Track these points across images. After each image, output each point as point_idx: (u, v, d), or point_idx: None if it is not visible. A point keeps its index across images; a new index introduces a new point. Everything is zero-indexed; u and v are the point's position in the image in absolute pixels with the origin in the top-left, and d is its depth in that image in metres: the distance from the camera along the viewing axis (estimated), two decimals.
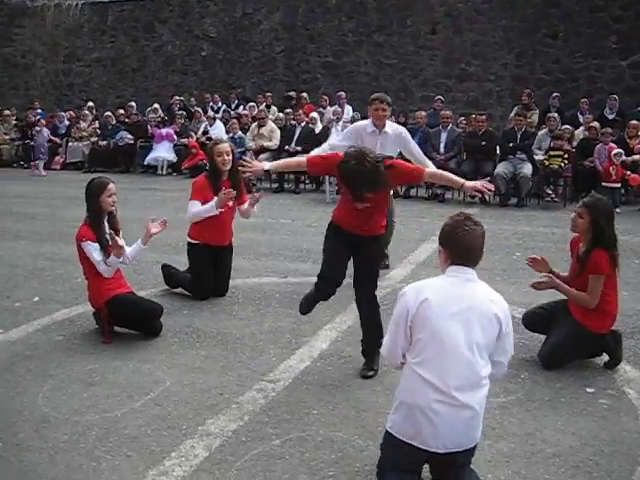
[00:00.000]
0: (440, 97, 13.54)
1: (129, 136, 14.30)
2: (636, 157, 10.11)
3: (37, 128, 14.56)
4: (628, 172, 9.95)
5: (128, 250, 4.84)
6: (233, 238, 5.97)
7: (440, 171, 4.77)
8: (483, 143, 10.51)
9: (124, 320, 4.77)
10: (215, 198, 5.57)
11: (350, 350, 4.59)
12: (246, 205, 5.79)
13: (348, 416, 3.67)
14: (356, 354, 4.49)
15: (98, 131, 15.04)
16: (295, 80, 16.71)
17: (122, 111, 15.27)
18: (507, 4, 14.82)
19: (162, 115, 15.03)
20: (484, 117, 10.83)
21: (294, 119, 12.72)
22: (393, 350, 2.93)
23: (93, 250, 4.60)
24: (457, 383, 2.71)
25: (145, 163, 14.19)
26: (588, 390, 4.03)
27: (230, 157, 5.77)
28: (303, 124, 12.49)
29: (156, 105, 15.89)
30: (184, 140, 13.97)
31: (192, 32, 17.72)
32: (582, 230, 4.26)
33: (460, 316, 2.74)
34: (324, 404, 3.81)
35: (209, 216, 5.64)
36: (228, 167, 5.73)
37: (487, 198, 10.85)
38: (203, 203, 5.67)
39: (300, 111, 12.92)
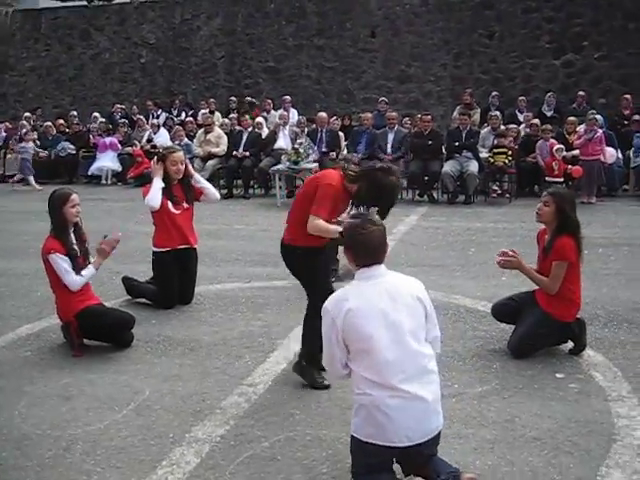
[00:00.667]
0: (384, 99, 13.75)
1: (71, 146, 13.99)
2: (576, 152, 10.49)
3: (22, 144, 13.98)
4: (569, 166, 10.32)
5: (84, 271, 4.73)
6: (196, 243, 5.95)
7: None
8: (430, 143, 10.73)
9: (95, 332, 4.71)
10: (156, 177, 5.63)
11: None
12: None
13: (332, 414, 3.73)
14: None
15: (38, 142, 14.66)
16: (237, 85, 16.70)
17: (62, 121, 14.92)
18: (444, 6, 15.18)
19: (105, 124, 14.76)
20: (429, 117, 11.06)
21: (240, 124, 12.68)
22: (332, 364, 2.98)
23: (62, 262, 4.53)
24: (402, 377, 2.76)
25: (89, 173, 13.90)
26: (558, 376, 4.20)
27: (183, 166, 5.77)
28: (250, 129, 12.47)
29: (96, 114, 15.61)
30: (128, 149, 13.77)
31: (130, 39, 17.49)
32: (548, 218, 4.43)
33: (386, 312, 2.82)
34: (307, 404, 3.86)
35: (169, 221, 5.62)
36: (180, 176, 5.74)
37: (435, 196, 11.11)
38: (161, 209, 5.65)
39: (246, 116, 12.90)
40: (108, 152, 13.85)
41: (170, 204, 5.64)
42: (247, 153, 12.03)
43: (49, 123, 14.77)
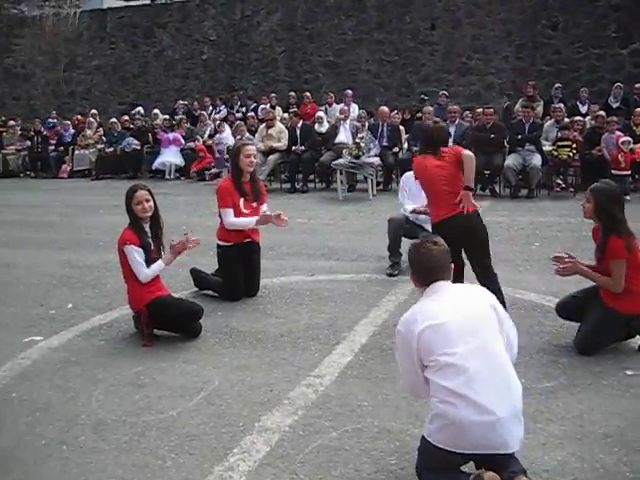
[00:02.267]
0: (444, 92, 13.64)
1: (135, 142, 14.35)
2: (637, 145, 10.21)
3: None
4: (631, 146, 10.03)
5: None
6: (259, 238, 6.05)
7: None
8: (492, 136, 10.59)
9: (165, 322, 4.86)
10: (256, 217, 5.70)
11: (389, 343, 4.66)
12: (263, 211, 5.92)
13: (399, 407, 3.76)
14: (394, 346, 4.59)
15: (104, 138, 15.10)
16: (297, 80, 16.80)
17: (127, 117, 15.32)
18: None
19: (169, 121, 15.08)
20: (492, 110, 10.91)
21: (291, 121, 12.72)
22: (413, 387, 2.99)
23: (136, 254, 4.68)
24: (480, 388, 2.72)
25: (153, 168, 14.23)
26: (627, 372, 4.12)
27: (256, 160, 5.87)
28: (300, 124, 12.51)
29: (156, 111, 15.95)
30: (191, 144, 14.04)
31: (192, 36, 17.80)
32: (590, 214, 4.37)
33: (459, 324, 2.81)
34: (374, 396, 3.90)
35: (240, 215, 5.73)
36: (252, 169, 5.82)
37: (497, 190, 10.97)
38: (232, 207, 5.73)
39: (292, 114, 12.92)
40: (171, 147, 14.14)
41: (242, 202, 5.73)
42: (302, 148, 12.10)
43: (114, 120, 15.17)
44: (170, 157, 14.10)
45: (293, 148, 12.10)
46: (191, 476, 3.16)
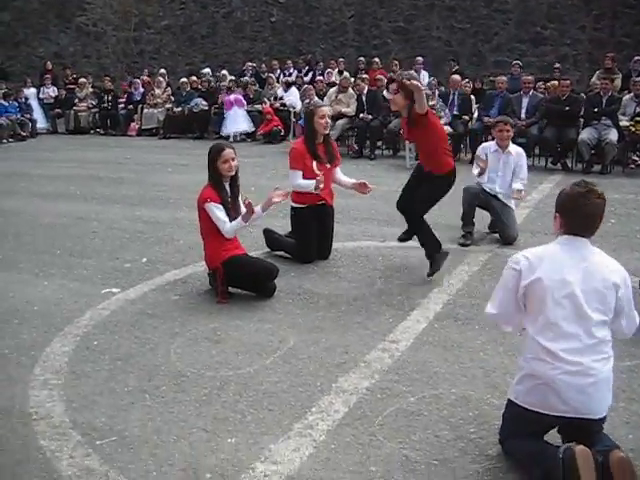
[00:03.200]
0: (518, 62, 13.25)
1: (204, 102, 14.43)
2: None
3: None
4: None
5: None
6: (333, 201, 6.03)
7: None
8: (567, 108, 10.26)
9: (240, 280, 4.91)
10: (314, 180, 5.62)
11: (464, 312, 4.64)
12: (342, 178, 6.02)
13: (476, 376, 3.73)
14: (471, 316, 4.55)
15: (172, 98, 15.23)
16: (366, 45, 16.58)
17: (195, 78, 15.39)
18: None
19: (230, 81, 15.08)
20: (568, 82, 10.55)
21: (356, 86, 12.55)
22: (503, 313, 2.94)
23: (217, 211, 4.73)
24: (576, 349, 2.70)
25: (222, 134, 14.17)
26: None
27: (330, 121, 5.84)
28: (365, 91, 12.34)
29: (224, 72, 15.98)
30: (258, 106, 14.05)
31: None
32: None
33: (574, 288, 2.74)
34: (450, 364, 3.87)
35: (313, 177, 5.72)
36: (327, 131, 5.80)
37: (569, 164, 10.67)
38: (303, 169, 5.73)
39: (358, 80, 12.71)
40: (235, 109, 14.06)
41: (315, 164, 5.72)
42: (369, 116, 11.95)
43: (185, 79, 15.25)
44: (240, 124, 14.04)
45: (361, 115, 11.98)
46: (271, 431, 3.20)
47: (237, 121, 14.13)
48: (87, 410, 3.42)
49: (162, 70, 16.50)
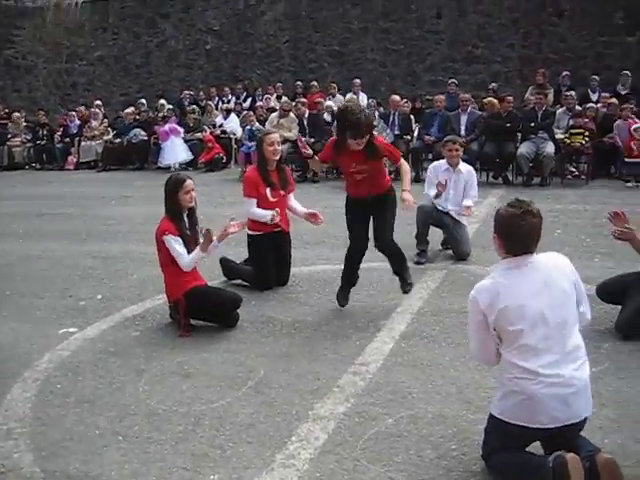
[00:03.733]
0: (454, 80, 13.59)
1: (142, 133, 14.26)
2: None
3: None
4: None
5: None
6: (289, 227, 6.04)
7: (406, 169, 5.27)
8: (508, 125, 10.58)
9: (203, 312, 4.85)
10: (271, 212, 5.66)
11: (429, 330, 4.69)
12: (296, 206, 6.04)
13: (450, 393, 3.77)
14: (436, 333, 4.61)
15: (109, 129, 15.01)
16: (302, 70, 16.72)
17: (132, 109, 15.21)
18: None
19: (169, 110, 14.94)
20: (511, 98, 10.92)
21: (297, 110, 12.64)
22: (485, 354, 2.98)
23: (175, 244, 4.67)
24: (554, 362, 2.77)
25: (160, 165, 13.89)
26: None
27: (280, 147, 5.86)
28: (306, 115, 12.45)
29: (162, 101, 15.85)
30: (198, 135, 13.97)
31: (195, 26, 17.66)
32: None
33: (540, 299, 2.79)
34: (422, 383, 3.91)
35: (267, 204, 5.72)
36: (278, 157, 5.83)
37: (510, 178, 10.98)
38: (257, 196, 5.73)
39: (299, 104, 12.81)
40: (172, 139, 13.75)
41: (268, 191, 5.73)
42: (312, 140, 12.02)
43: (129, 110, 15.00)
44: (177, 153, 13.75)
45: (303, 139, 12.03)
46: (253, 465, 3.16)
47: (175, 151, 13.84)
48: (58, 457, 3.31)
49: (97, 102, 16.25)
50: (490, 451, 2.96)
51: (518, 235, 2.84)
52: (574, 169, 10.84)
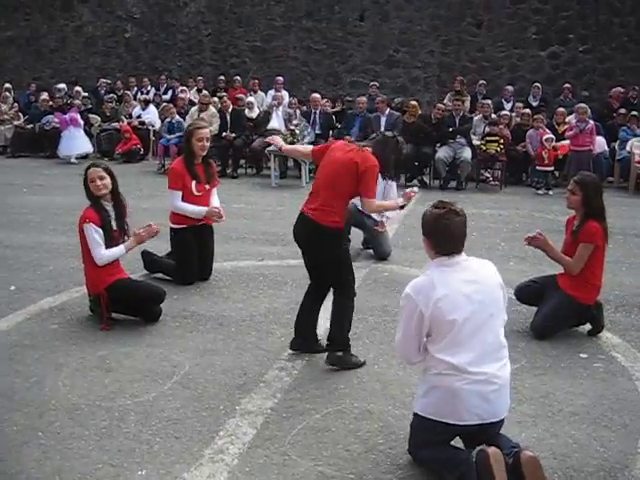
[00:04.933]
0: (375, 83, 13.82)
1: (56, 120, 13.73)
2: (566, 142, 10.72)
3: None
4: (554, 144, 10.54)
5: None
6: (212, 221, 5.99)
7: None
8: (434, 132, 10.86)
9: (125, 305, 4.74)
10: (206, 208, 5.64)
11: (352, 328, 4.73)
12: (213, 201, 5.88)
13: (375, 389, 3.85)
14: (358, 331, 4.67)
15: (20, 114, 14.39)
16: (223, 64, 16.57)
17: (46, 95, 14.62)
18: None
19: (82, 98, 14.48)
20: (442, 106, 11.22)
21: (222, 106, 12.56)
22: (409, 351, 3.04)
23: (94, 233, 4.54)
24: (479, 360, 2.88)
25: (61, 156, 13.28)
26: (582, 356, 4.38)
27: (208, 143, 5.81)
28: (230, 109, 12.39)
29: (77, 88, 15.33)
30: (115, 124, 13.61)
31: (114, 12, 17.16)
32: (576, 205, 4.61)
33: (471, 298, 2.91)
34: (348, 379, 3.97)
35: (190, 202, 5.66)
36: (205, 153, 5.77)
37: (427, 182, 11.26)
38: (182, 189, 5.66)
39: (225, 97, 12.76)
40: (71, 129, 13.16)
41: (194, 185, 5.67)
42: (233, 135, 11.97)
43: (45, 96, 14.38)
44: (78, 145, 13.19)
45: (224, 134, 11.95)
46: (182, 459, 3.12)
47: (74, 142, 13.26)
48: None
49: (7, 85, 15.52)
50: (415, 446, 3.05)
51: (445, 234, 2.95)
52: (489, 175, 11.23)
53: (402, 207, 4.70)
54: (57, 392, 3.78)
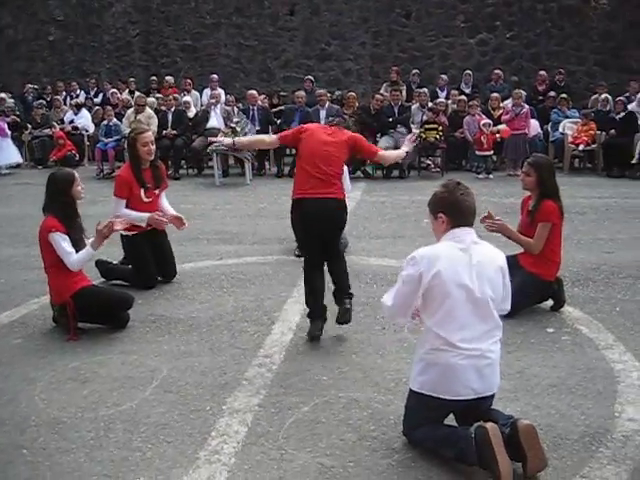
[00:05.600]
0: (310, 77, 13.87)
1: None
2: (502, 126, 11.02)
3: None
4: (498, 127, 10.83)
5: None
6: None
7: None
8: (374, 122, 10.97)
9: (92, 313, 4.63)
10: (148, 215, 5.54)
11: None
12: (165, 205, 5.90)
13: (357, 378, 3.90)
14: (330, 322, 4.70)
15: None
16: (154, 64, 16.30)
17: None
18: None
19: (6, 106, 13.99)
20: (381, 97, 11.35)
21: (165, 104, 12.45)
22: (403, 310, 3.13)
23: (63, 242, 4.42)
24: (473, 336, 2.98)
25: None
26: (549, 330, 4.55)
27: (154, 147, 5.72)
28: (173, 109, 12.26)
29: (2, 94, 14.80)
30: (47, 131, 13.22)
31: (36, 15, 16.63)
32: (531, 186, 4.76)
33: (470, 276, 2.99)
34: (329, 370, 4.00)
35: (140, 209, 5.58)
36: (152, 157, 5.69)
37: (370, 172, 11.39)
38: (129, 197, 5.56)
39: (171, 96, 12.66)
40: None
41: (142, 192, 5.59)
42: (175, 132, 11.86)
43: None
44: (6, 155, 12.61)
45: (164, 132, 11.78)
46: (178, 464, 3.09)
47: (2, 153, 12.70)
48: None
49: None
50: (412, 426, 3.11)
51: (460, 206, 3.05)
52: (430, 162, 11.44)
53: (407, 153, 5.46)
54: (35, 407, 3.66)
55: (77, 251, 4.50)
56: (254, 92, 12.32)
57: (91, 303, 4.58)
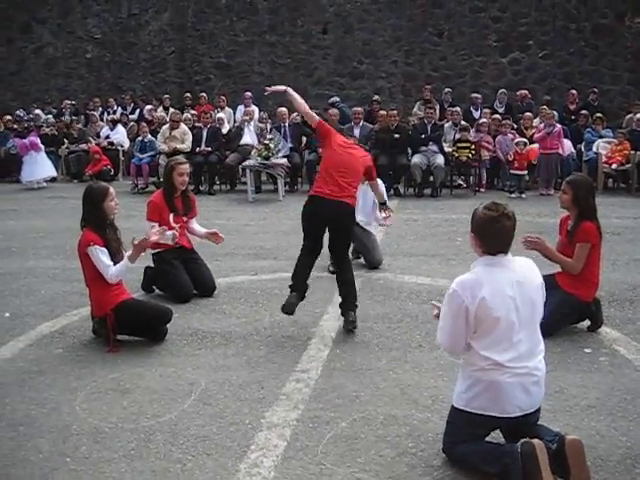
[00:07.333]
0: (337, 98, 13.97)
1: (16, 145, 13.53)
2: (535, 145, 10.99)
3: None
4: (530, 146, 10.80)
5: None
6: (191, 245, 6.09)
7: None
8: (397, 136, 11.00)
9: (132, 326, 4.71)
10: (174, 232, 5.56)
11: (360, 336, 4.82)
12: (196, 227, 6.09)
13: (394, 394, 3.90)
14: (365, 339, 4.74)
15: None
16: (188, 81, 16.56)
17: (9, 117, 14.41)
18: (394, 4, 15.52)
19: (42, 121, 14.33)
20: (395, 112, 11.35)
21: (200, 121, 12.64)
22: (456, 344, 3.10)
23: (102, 255, 4.51)
24: (523, 353, 2.99)
25: (24, 182, 13.01)
26: (586, 351, 4.51)
27: (188, 178, 5.91)
28: (209, 125, 12.44)
29: (38, 111, 15.18)
30: (83, 146, 13.48)
31: (74, 33, 17.03)
32: (567, 204, 4.74)
33: (515, 299, 3.00)
34: (366, 386, 4.01)
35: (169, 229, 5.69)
36: (184, 188, 5.86)
37: (401, 190, 11.41)
38: (159, 221, 5.64)
39: (209, 113, 12.84)
40: (32, 154, 12.95)
41: (171, 217, 5.76)
42: (209, 149, 12.02)
43: (9, 118, 14.19)
44: (41, 169, 12.93)
45: (198, 149, 11.94)
46: (218, 476, 3.12)
47: (37, 167, 13.03)
48: None
49: None
50: (453, 442, 3.11)
51: (495, 236, 3.02)
52: (462, 182, 11.42)
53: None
54: (76, 416, 3.73)
55: (115, 263, 4.59)
56: (284, 109, 12.45)
57: (131, 316, 4.66)
